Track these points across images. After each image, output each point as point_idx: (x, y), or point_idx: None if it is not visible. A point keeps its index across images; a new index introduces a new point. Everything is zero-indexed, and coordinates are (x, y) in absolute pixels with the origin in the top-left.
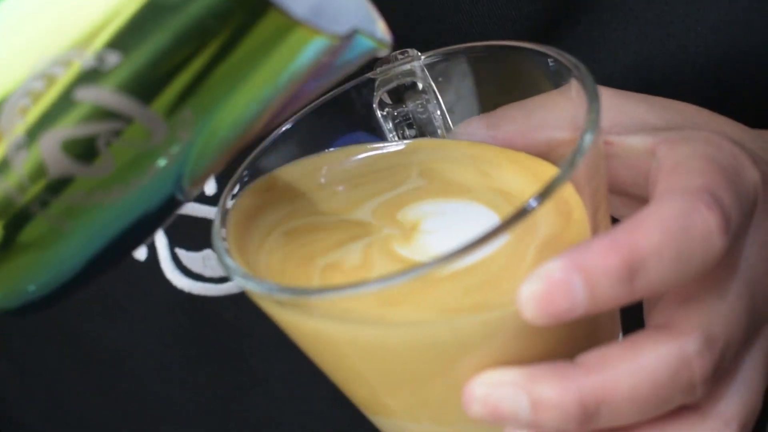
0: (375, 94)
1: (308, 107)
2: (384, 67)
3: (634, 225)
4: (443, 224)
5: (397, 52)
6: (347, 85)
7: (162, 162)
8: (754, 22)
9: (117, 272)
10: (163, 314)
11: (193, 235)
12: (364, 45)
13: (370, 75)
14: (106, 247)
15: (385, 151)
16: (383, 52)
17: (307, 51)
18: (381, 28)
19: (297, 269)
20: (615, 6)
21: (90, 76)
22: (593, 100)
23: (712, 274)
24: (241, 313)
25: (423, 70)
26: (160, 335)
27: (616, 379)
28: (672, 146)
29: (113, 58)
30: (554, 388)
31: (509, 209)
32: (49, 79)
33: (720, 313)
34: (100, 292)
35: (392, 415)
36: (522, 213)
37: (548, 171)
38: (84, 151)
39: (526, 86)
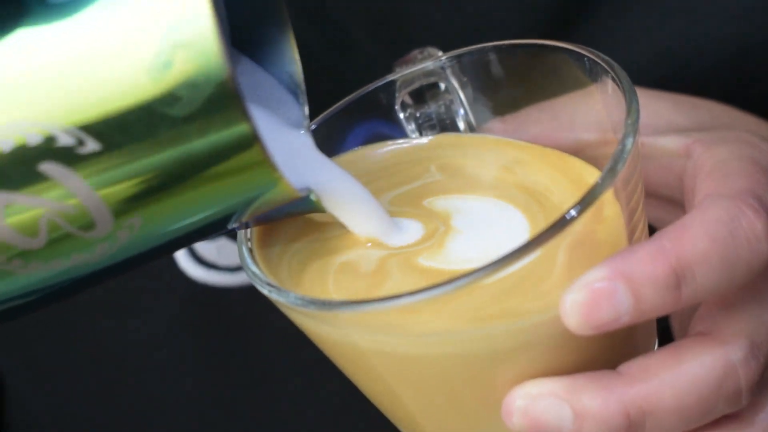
0: (396, 95)
1: (330, 110)
2: (405, 68)
3: (679, 231)
4: (462, 224)
5: (417, 50)
6: (368, 87)
7: (91, 253)
8: None
9: None
10: (177, 305)
11: None
12: (310, 204)
13: (390, 76)
14: (13, 309)
15: (406, 146)
16: (319, 211)
17: (271, 195)
18: None
19: (315, 272)
20: None
21: (63, 153)
22: (632, 101)
23: (754, 279)
24: (253, 305)
25: (445, 70)
26: (172, 328)
27: (660, 389)
28: (708, 147)
29: (92, 146)
30: (598, 399)
31: (534, 207)
32: (18, 139)
33: (763, 319)
34: (113, 283)
35: (422, 429)
36: (562, 223)
37: (577, 167)
38: (23, 221)
39: (555, 86)
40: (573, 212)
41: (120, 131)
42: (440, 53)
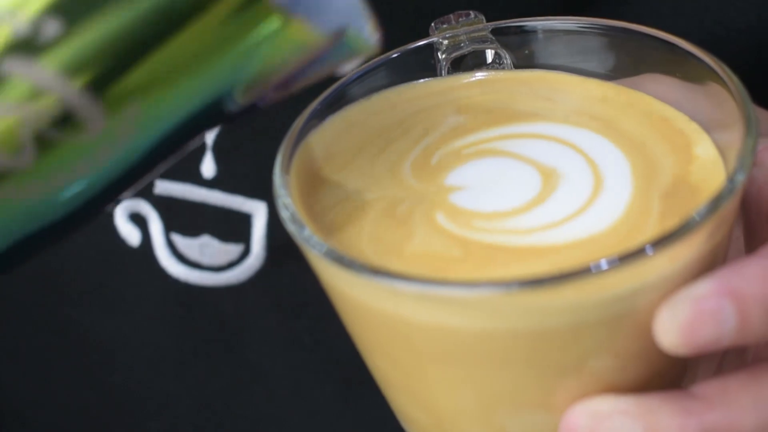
0: (442, 58)
1: (362, 67)
2: (448, 30)
3: None
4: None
5: (457, 13)
6: (408, 46)
7: (93, 160)
8: None
9: (109, 259)
10: (158, 303)
11: (190, 220)
12: (349, 46)
13: (433, 38)
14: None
15: (427, 89)
16: (366, 55)
17: (285, 45)
18: (370, 29)
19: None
20: None
21: (20, 45)
22: (750, 128)
23: None
24: (240, 305)
25: (502, 37)
26: (154, 325)
27: (743, 414)
28: None
29: (52, 28)
30: (675, 421)
31: (592, 124)
32: None
33: None
34: (93, 279)
35: (440, 413)
36: (639, 253)
37: (633, 96)
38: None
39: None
40: (650, 249)
41: (78, 4)
42: (484, 18)
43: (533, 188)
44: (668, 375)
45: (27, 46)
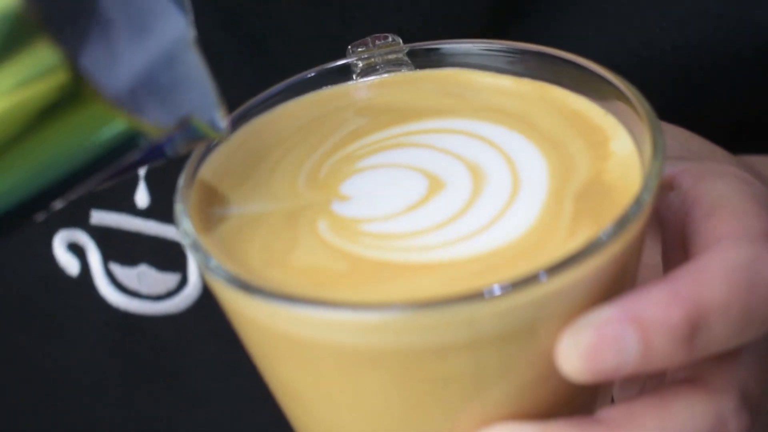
0: (356, 79)
1: (280, 85)
2: (364, 51)
3: (696, 274)
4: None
5: (374, 36)
6: (319, 68)
7: None
8: (725, 13)
9: (50, 287)
10: (99, 331)
11: (127, 249)
12: (195, 133)
13: (349, 60)
14: None
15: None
16: (213, 140)
17: (118, 138)
18: (220, 115)
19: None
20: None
21: None
22: (656, 152)
23: None
24: (180, 333)
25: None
26: (96, 353)
27: None
28: (700, 180)
29: None
30: None
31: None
32: None
33: (754, 368)
34: (35, 307)
35: None
36: (533, 279)
37: (550, 90)
38: None
39: None
40: (544, 275)
41: None
42: (401, 41)
43: (419, 192)
44: (577, 401)
45: None
